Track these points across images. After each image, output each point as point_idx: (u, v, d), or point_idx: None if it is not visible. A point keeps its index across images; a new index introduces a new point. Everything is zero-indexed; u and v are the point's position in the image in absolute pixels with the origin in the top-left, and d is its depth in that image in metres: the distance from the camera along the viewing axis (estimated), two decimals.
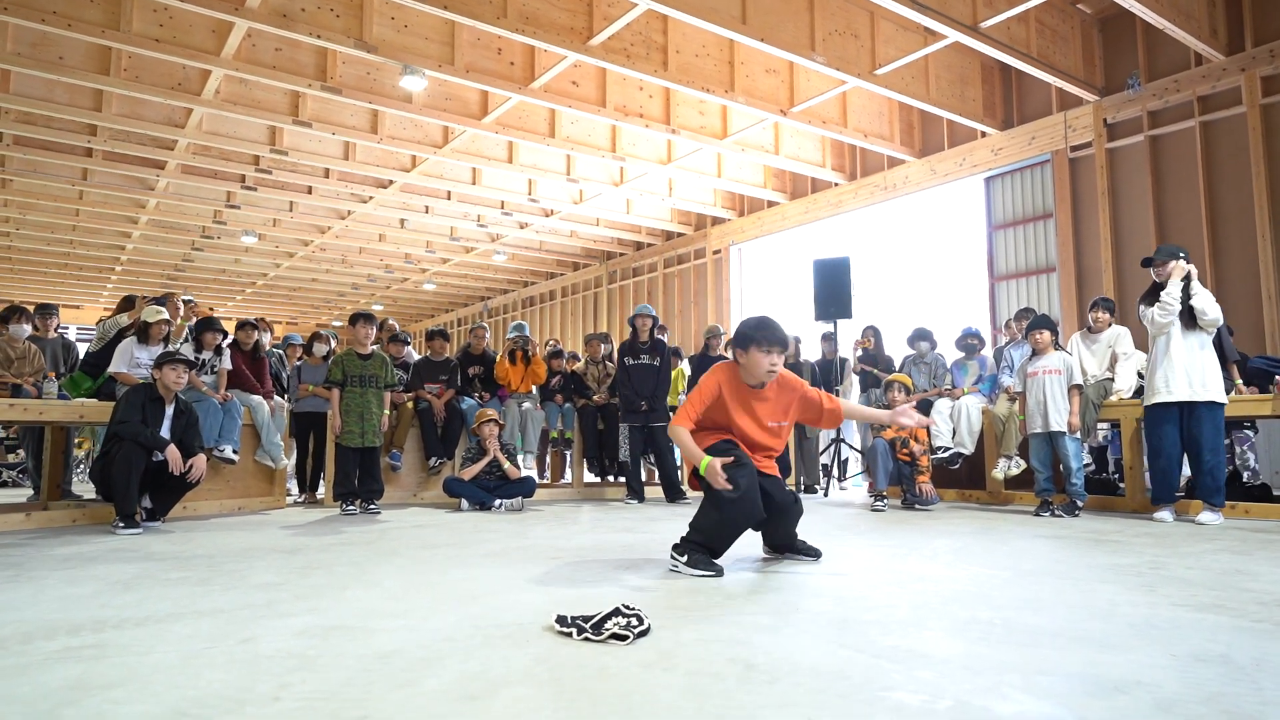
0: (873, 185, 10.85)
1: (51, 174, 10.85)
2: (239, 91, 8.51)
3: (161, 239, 14.54)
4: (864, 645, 2.06)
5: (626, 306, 15.67)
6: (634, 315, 7.19)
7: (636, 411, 6.87)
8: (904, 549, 3.90)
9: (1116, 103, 8.38)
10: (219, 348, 6.16)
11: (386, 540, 4.30)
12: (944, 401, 6.70)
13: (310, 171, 11.19)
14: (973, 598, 2.67)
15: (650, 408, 6.86)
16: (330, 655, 1.98)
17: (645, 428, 6.91)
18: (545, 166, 10.91)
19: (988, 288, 9.74)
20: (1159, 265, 5.11)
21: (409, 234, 14.52)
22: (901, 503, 6.35)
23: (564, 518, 5.56)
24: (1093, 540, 4.16)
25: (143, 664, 1.91)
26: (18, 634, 2.20)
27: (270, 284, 18.87)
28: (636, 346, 7.03)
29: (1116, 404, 5.78)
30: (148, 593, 2.80)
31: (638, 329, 7.08)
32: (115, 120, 8.78)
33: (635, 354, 7.00)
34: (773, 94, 8.82)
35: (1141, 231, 8.14)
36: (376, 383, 6.11)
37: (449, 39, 7.63)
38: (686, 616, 2.41)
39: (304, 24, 6.81)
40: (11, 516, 5.02)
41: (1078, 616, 2.37)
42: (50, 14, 6.51)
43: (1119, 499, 5.91)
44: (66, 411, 5.41)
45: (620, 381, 7.05)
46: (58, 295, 19.21)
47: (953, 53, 8.73)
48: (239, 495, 6.10)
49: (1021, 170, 9.40)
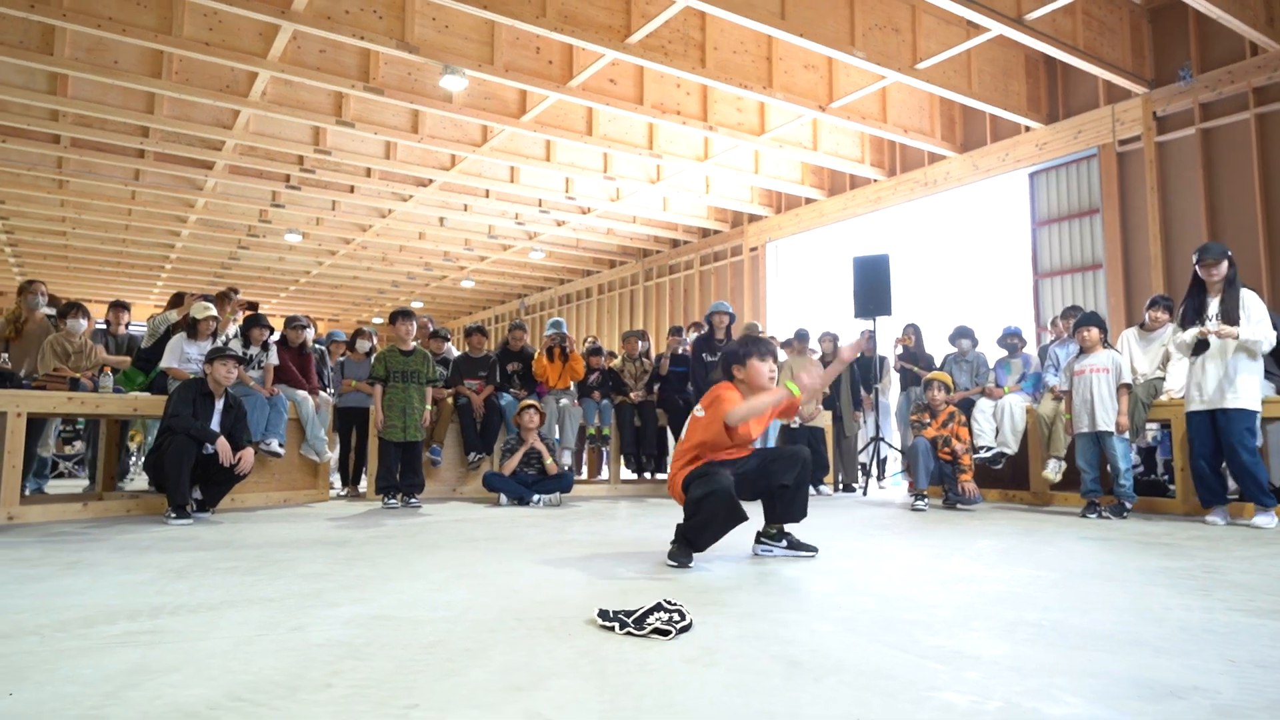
0: (913, 181, 10.71)
1: (105, 175, 11.17)
2: (284, 93, 8.68)
3: (209, 237, 14.88)
4: (909, 645, 2.04)
5: (663, 304, 15.67)
6: (711, 311, 7.41)
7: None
8: (947, 549, 3.86)
9: (1167, 95, 8.16)
10: (266, 344, 6.29)
11: (427, 533, 4.36)
12: (986, 400, 6.60)
13: (353, 171, 11.37)
14: (1019, 599, 2.63)
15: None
16: (378, 645, 2.01)
17: None
18: (583, 164, 10.95)
19: (1031, 284, 9.56)
20: (1207, 264, 4.96)
21: (448, 232, 14.68)
22: (943, 502, 6.27)
23: (602, 513, 5.59)
24: (1142, 543, 4.07)
25: (198, 649, 1.97)
26: (80, 618, 2.28)
27: (313, 281, 19.21)
28: (713, 343, 7.14)
29: (1167, 404, 5.64)
30: (200, 581, 2.88)
31: (714, 325, 7.27)
32: (166, 122, 9.01)
33: (712, 350, 7.06)
34: (811, 90, 8.74)
35: (1193, 227, 7.92)
36: (418, 378, 6.20)
37: (488, 39, 7.69)
38: (728, 613, 2.41)
39: (348, 25, 6.92)
40: (70, 506, 5.20)
41: (1128, 620, 2.32)
42: (106, 20, 6.70)
43: (1169, 501, 5.76)
44: (121, 405, 5.58)
45: (697, 376, 7.14)
46: (110, 292, 19.76)
47: (996, 46, 8.58)
48: (284, 488, 6.23)
49: (1067, 165, 9.21)
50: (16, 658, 1.88)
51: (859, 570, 3.22)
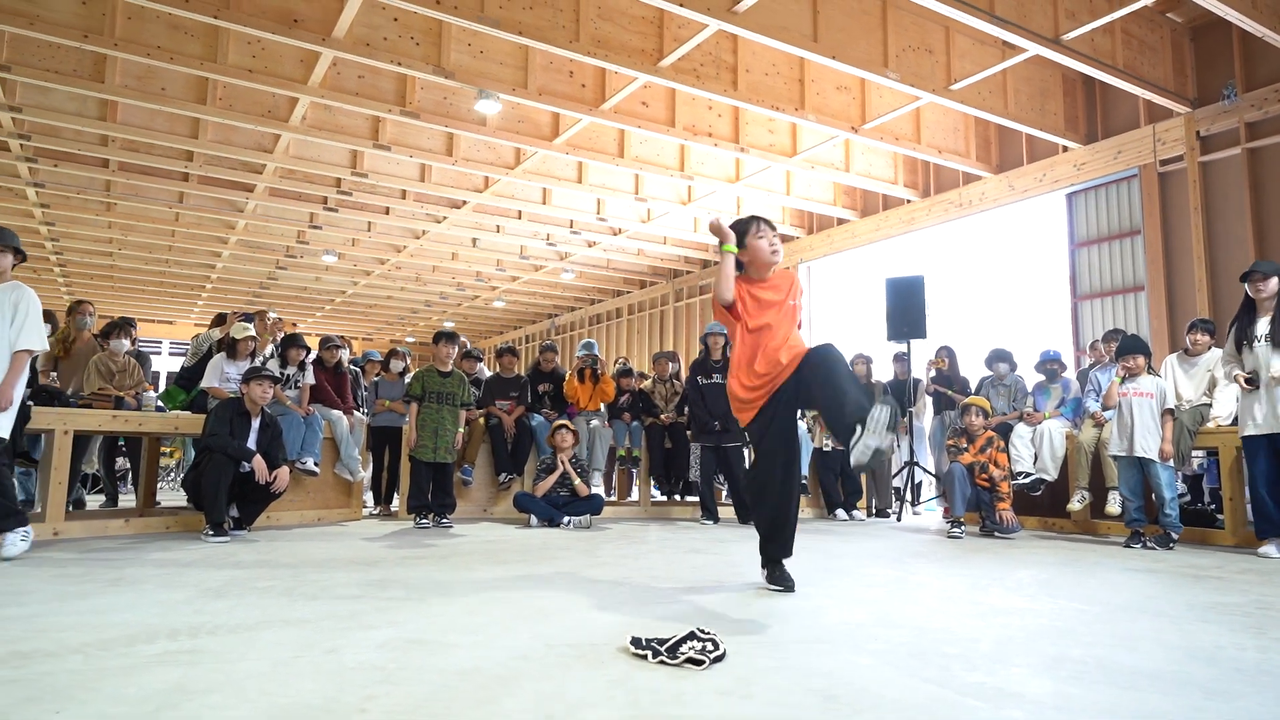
0: (947, 202, 10.62)
1: (150, 197, 11.48)
2: (323, 117, 8.87)
3: (248, 258, 15.19)
4: (947, 680, 2.00)
5: (693, 324, 15.65)
6: (706, 333, 7.03)
7: (710, 432, 6.71)
8: (985, 578, 3.78)
9: (1210, 114, 8.02)
10: (303, 364, 6.39)
11: (459, 555, 4.37)
12: (1024, 426, 6.48)
13: (388, 193, 11.56)
14: (1061, 633, 2.56)
15: (724, 428, 6.66)
16: (411, 669, 2.02)
17: (719, 449, 6.80)
18: (614, 186, 11.03)
19: (1070, 307, 9.39)
20: (1257, 280, 4.85)
21: (480, 253, 14.83)
22: (980, 529, 6.15)
23: (632, 536, 5.56)
24: (1190, 576, 3.95)
25: (236, 670, 1.99)
26: (123, 636, 2.31)
27: (348, 301, 19.51)
28: (709, 365, 6.88)
29: (1214, 430, 5.49)
30: (238, 600, 2.91)
31: (710, 347, 6.94)
32: (210, 146, 9.25)
33: (708, 373, 6.84)
34: (844, 111, 8.73)
35: (1238, 248, 7.75)
36: (453, 400, 6.25)
37: (522, 63, 7.80)
38: (762, 642, 2.37)
39: (385, 52, 7.06)
40: (112, 522, 5.30)
41: (1178, 658, 2.25)
42: (155, 49, 6.91)
43: (1217, 532, 5.59)
44: (163, 423, 5.69)
45: (693, 401, 6.88)
46: (153, 311, 20.27)
47: (1033, 66, 8.51)
48: (319, 506, 6.30)
49: (1106, 185, 9.06)
50: (62, 676, 1.92)
51: (894, 600, 3.17)
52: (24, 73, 7.27)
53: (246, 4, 6.39)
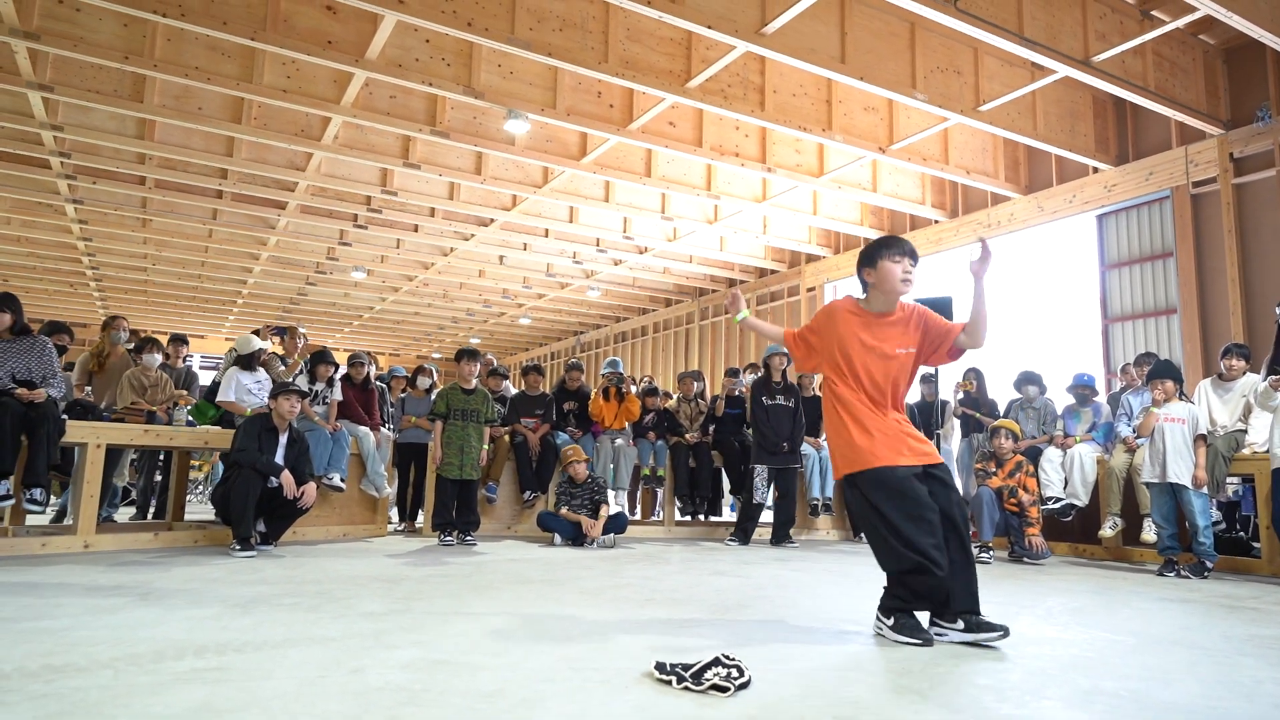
0: (975, 223, 10.54)
1: (185, 214, 11.72)
2: (355, 136, 9.01)
3: (279, 274, 15.43)
4: (979, 712, 1.96)
5: (718, 343, 15.63)
6: (767, 354, 7.00)
7: (775, 453, 6.67)
8: (1014, 606, 3.71)
9: (1244, 136, 7.90)
10: (331, 380, 6.46)
11: (483, 574, 4.37)
12: (1054, 450, 6.38)
13: (417, 210, 11.71)
14: (1094, 665, 2.50)
15: (790, 449, 6.72)
16: (436, 691, 2.02)
17: (782, 470, 6.78)
18: (641, 205, 11.08)
19: (1101, 329, 9.26)
20: None
21: (507, 270, 14.95)
22: (1009, 555, 6.05)
23: (655, 557, 5.54)
24: (1226, 606, 3.85)
25: (262, 689, 2.00)
26: (150, 652, 2.34)
27: (376, 317, 19.72)
28: (771, 386, 6.84)
29: (1250, 457, 5.37)
30: (264, 617, 2.93)
31: (771, 368, 6.90)
32: (244, 164, 9.44)
33: (771, 394, 6.81)
34: (871, 132, 8.72)
35: (1274, 271, 7.61)
36: (477, 417, 6.28)
37: (551, 84, 7.88)
38: (787, 670, 2.35)
39: (417, 73, 7.17)
40: (141, 535, 5.37)
41: (1216, 693, 2.19)
42: (193, 69, 7.08)
43: (1254, 561, 5.45)
44: (193, 437, 5.78)
45: (759, 420, 6.80)
46: (185, 326, 20.61)
47: (1062, 87, 8.45)
48: (344, 522, 6.34)
49: (1138, 207, 8.95)
50: (92, 692, 1.94)
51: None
52: (66, 93, 7.47)
53: (282, 26, 6.53)
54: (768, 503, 6.91)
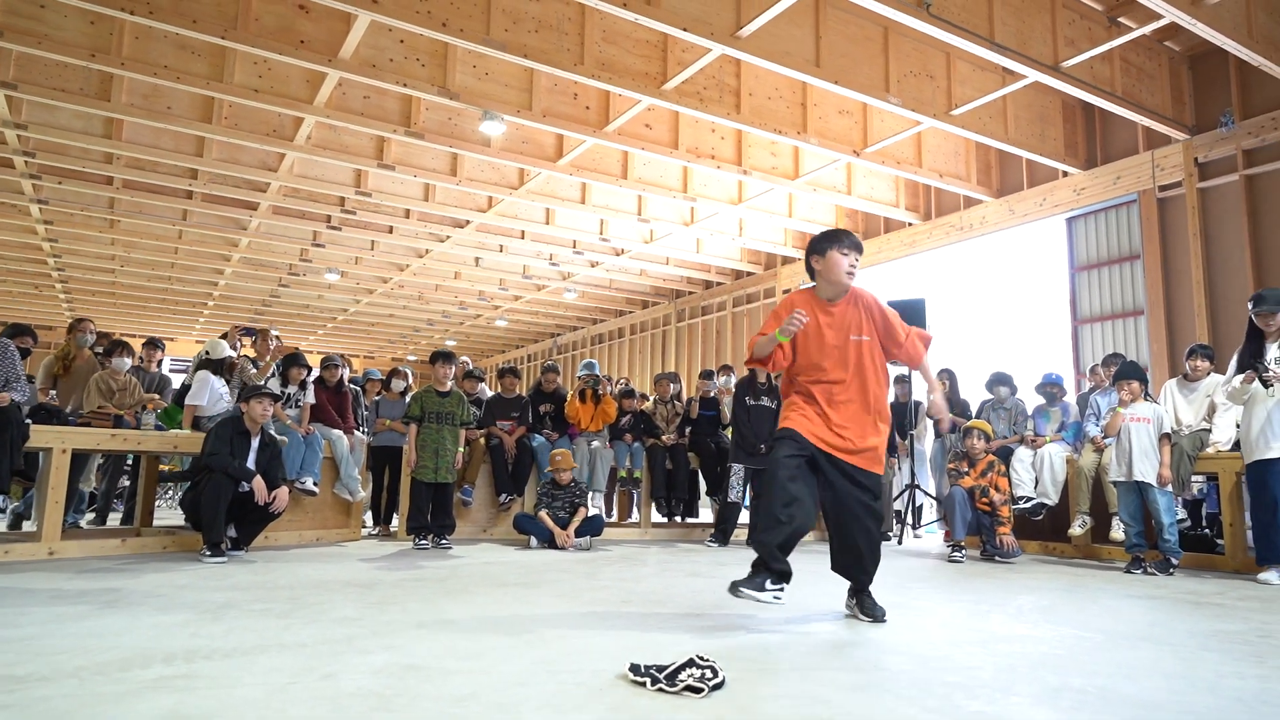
0: (948, 225, 10.66)
1: (155, 215, 11.53)
2: (328, 137, 8.93)
3: (251, 275, 15.24)
4: (949, 710, 1.98)
5: (695, 345, 15.67)
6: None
7: (754, 454, 6.56)
8: (985, 604, 3.76)
9: (1208, 141, 8.07)
10: (304, 383, 6.39)
11: (458, 577, 4.35)
12: (1025, 450, 6.46)
13: (392, 212, 11.61)
14: (1063, 661, 2.54)
15: (768, 451, 6.61)
16: (408, 696, 2.00)
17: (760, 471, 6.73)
18: (617, 207, 11.08)
19: (1070, 330, 9.41)
20: (1263, 315, 4.84)
21: (483, 272, 14.88)
22: (981, 554, 6.12)
23: (632, 559, 5.54)
24: (1191, 602, 3.93)
25: (231, 696, 1.97)
26: (117, 660, 2.30)
27: (350, 319, 19.54)
28: (757, 387, 6.78)
29: (1214, 456, 5.48)
30: (234, 624, 2.89)
31: (757, 370, 6.81)
32: (214, 165, 9.31)
33: (755, 394, 6.74)
34: (846, 135, 8.79)
35: (1237, 273, 7.77)
36: (453, 420, 6.24)
37: (527, 85, 7.86)
38: (762, 670, 2.36)
39: (391, 73, 7.12)
40: (109, 542, 5.28)
41: (1180, 688, 2.23)
42: (162, 68, 6.97)
43: (1218, 558, 5.56)
44: (162, 442, 5.68)
45: (739, 420, 6.73)
46: (155, 328, 20.28)
47: (1032, 92, 8.57)
48: (318, 526, 6.27)
49: (1106, 210, 9.10)
50: (57, 701, 1.90)
51: (895, 625, 3.15)
52: (31, 90, 7.33)
53: (254, 24, 6.45)
54: (744, 502, 6.92)
